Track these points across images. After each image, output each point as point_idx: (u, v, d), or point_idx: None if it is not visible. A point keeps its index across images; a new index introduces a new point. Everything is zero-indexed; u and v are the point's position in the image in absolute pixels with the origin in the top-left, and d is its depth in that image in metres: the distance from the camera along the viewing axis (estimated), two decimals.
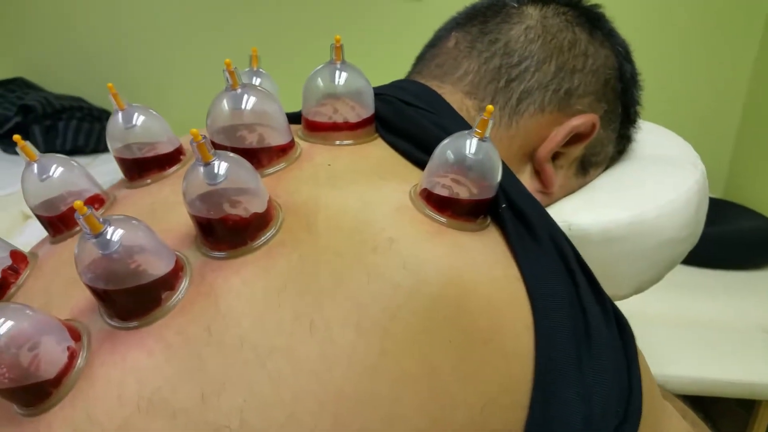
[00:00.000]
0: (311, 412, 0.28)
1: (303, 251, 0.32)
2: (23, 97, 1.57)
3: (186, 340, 0.30)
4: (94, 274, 0.30)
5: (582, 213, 0.46)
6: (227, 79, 0.38)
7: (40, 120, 1.50)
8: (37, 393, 0.29)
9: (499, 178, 0.35)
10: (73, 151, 1.52)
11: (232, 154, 0.32)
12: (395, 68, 0.67)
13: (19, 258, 0.38)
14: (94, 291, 0.30)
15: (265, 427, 0.27)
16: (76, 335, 0.31)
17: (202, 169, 0.31)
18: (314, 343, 0.29)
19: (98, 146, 1.58)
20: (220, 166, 0.31)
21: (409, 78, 0.54)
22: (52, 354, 0.29)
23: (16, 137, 0.38)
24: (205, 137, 0.31)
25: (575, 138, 0.49)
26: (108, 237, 0.29)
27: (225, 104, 0.38)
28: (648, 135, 0.61)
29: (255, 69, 0.49)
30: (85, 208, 0.28)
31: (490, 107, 0.33)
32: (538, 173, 0.49)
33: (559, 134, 0.48)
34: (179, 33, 1.78)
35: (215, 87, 0.42)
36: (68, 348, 0.30)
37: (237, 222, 0.32)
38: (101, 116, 1.64)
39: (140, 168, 0.42)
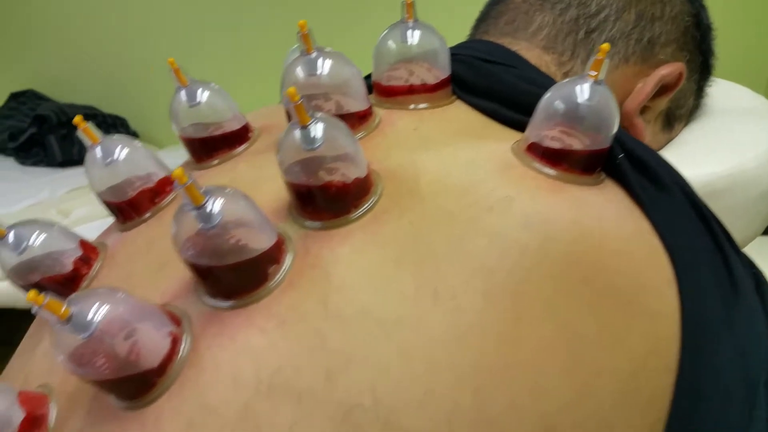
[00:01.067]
0: (450, 386, 0.25)
1: (411, 217, 0.30)
2: (36, 108, 1.56)
3: (301, 316, 0.27)
4: (197, 250, 0.27)
5: (678, 169, 0.43)
6: (300, 44, 0.35)
7: (55, 129, 1.48)
8: (140, 384, 0.27)
9: (616, 125, 0.32)
10: None
11: (329, 116, 0.30)
12: None
13: (88, 248, 0.36)
14: (196, 269, 0.28)
15: (402, 404, 0.25)
16: (175, 320, 0.28)
17: (298, 132, 0.29)
18: (441, 313, 0.26)
19: None
20: (317, 129, 0.29)
21: (474, 39, 0.51)
22: (153, 341, 0.27)
23: (77, 119, 0.35)
24: (303, 98, 0.28)
25: (661, 90, 0.46)
26: (210, 209, 0.26)
27: (300, 70, 0.36)
28: (714, 88, 0.58)
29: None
30: (186, 177, 0.25)
31: (605, 45, 0.30)
32: (627, 129, 0.46)
33: (648, 85, 0.45)
34: (188, 38, 1.76)
35: (228, 86, 0.40)
36: (170, 333, 0.27)
37: (339, 189, 0.29)
38: (115, 123, 1.62)
39: (208, 148, 0.39)
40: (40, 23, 1.79)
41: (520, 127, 0.36)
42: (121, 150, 0.36)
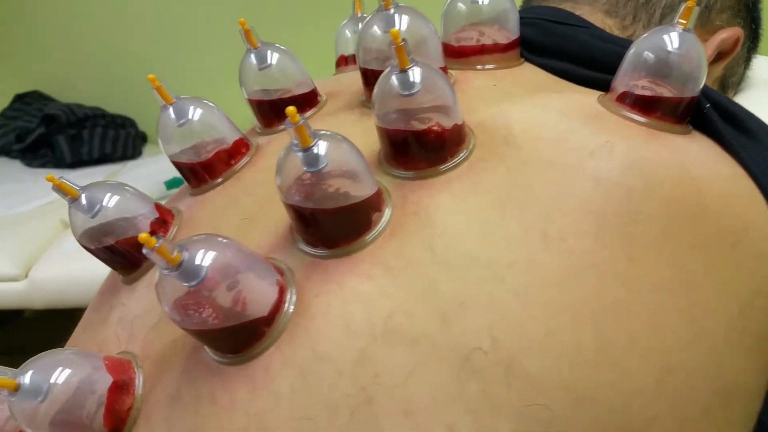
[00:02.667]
0: (569, 327, 0.25)
1: (510, 164, 0.29)
2: (42, 109, 1.54)
3: (408, 262, 0.26)
4: (303, 194, 0.26)
5: None
6: (380, 3, 0.35)
7: (64, 129, 1.46)
8: (248, 334, 0.26)
9: (705, 74, 0.31)
10: (101, 159, 1.49)
11: (426, 63, 0.29)
12: None
13: (164, 211, 0.35)
14: (300, 215, 0.27)
15: (523, 346, 0.24)
16: (278, 270, 0.27)
17: (396, 77, 0.28)
18: (553, 255, 0.26)
19: (126, 153, 1.54)
20: (416, 73, 0.28)
21: (533, 6, 0.51)
22: (261, 289, 0.26)
23: (151, 77, 0.35)
24: (404, 40, 0.28)
25: (718, 56, 0.46)
26: (317, 151, 0.26)
27: (376, 29, 0.35)
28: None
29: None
30: (298, 116, 0.25)
31: None
32: None
33: (708, 48, 0.45)
34: (193, 37, 1.75)
35: (232, 87, 0.39)
36: (277, 282, 0.26)
37: (437, 135, 0.29)
38: (124, 123, 1.60)
39: (277, 111, 0.39)
40: (45, 24, 1.77)
41: (596, 85, 0.35)
42: (195, 110, 0.35)
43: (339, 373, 0.24)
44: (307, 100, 0.39)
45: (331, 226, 0.27)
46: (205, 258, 0.24)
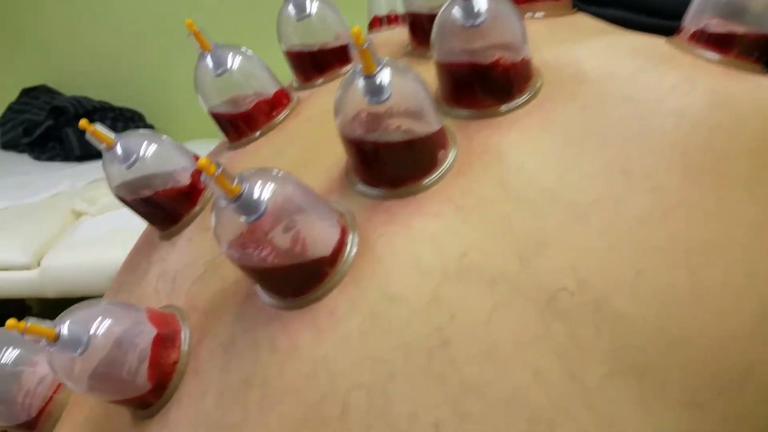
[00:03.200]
0: (662, 267, 0.23)
1: (583, 101, 0.27)
2: (50, 102, 1.53)
3: (480, 200, 0.24)
4: (365, 127, 0.24)
5: None
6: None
7: (72, 122, 1.45)
8: (309, 276, 0.24)
9: None
10: None
11: None
12: None
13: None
14: (361, 151, 0.25)
15: (612, 287, 0.22)
16: (336, 212, 0.25)
17: (459, 5, 0.26)
18: (638, 193, 0.24)
19: None
20: (481, 2, 0.26)
21: None
22: (321, 229, 0.24)
23: (189, 21, 0.33)
24: None
25: None
26: (380, 81, 0.24)
27: None
28: None
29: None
30: (363, 37, 0.23)
31: None
32: None
33: None
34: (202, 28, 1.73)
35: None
36: (338, 222, 0.25)
37: (505, 70, 0.27)
38: (133, 116, 1.59)
39: (317, 65, 0.37)
40: (51, 18, 1.76)
41: (657, 33, 0.34)
42: (234, 59, 0.33)
43: (412, 314, 0.22)
44: (348, 53, 0.37)
45: (394, 164, 0.25)
46: (265, 191, 0.22)
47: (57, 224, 1.10)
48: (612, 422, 0.21)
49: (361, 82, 0.24)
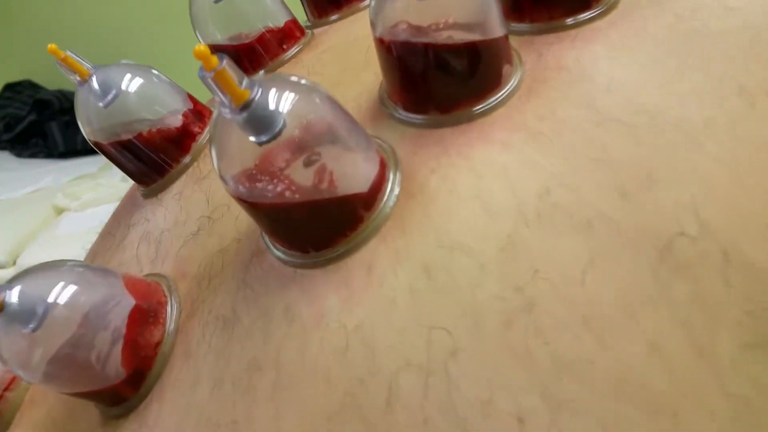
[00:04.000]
0: None
1: (677, 10, 0.22)
2: (34, 96, 1.46)
3: (560, 124, 0.19)
4: (414, 27, 0.19)
5: None
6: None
7: (56, 116, 1.38)
8: (340, 219, 0.18)
9: None
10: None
11: None
12: None
13: (200, 104, 0.27)
14: (405, 64, 0.20)
15: (742, 230, 0.17)
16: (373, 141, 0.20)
17: None
18: (759, 113, 0.19)
19: None
20: None
21: None
22: (355, 160, 0.18)
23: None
24: None
25: None
26: None
27: None
28: None
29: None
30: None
31: None
32: None
33: None
34: (186, 30, 1.68)
35: None
36: (377, 153, 0.19)
37: None
38: None
39: None
40: (34, 11, 1.71)
41: None
42: None
43: (480, 269, 0.17)
44: None
45: (447, 80, 0.20)
46: (283, 101, 0.17)
47: (37, 221, 1.03)
48: (754, 410, 0.16)
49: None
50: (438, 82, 0.20)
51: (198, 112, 0.26)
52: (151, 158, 0.26)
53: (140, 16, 1.69)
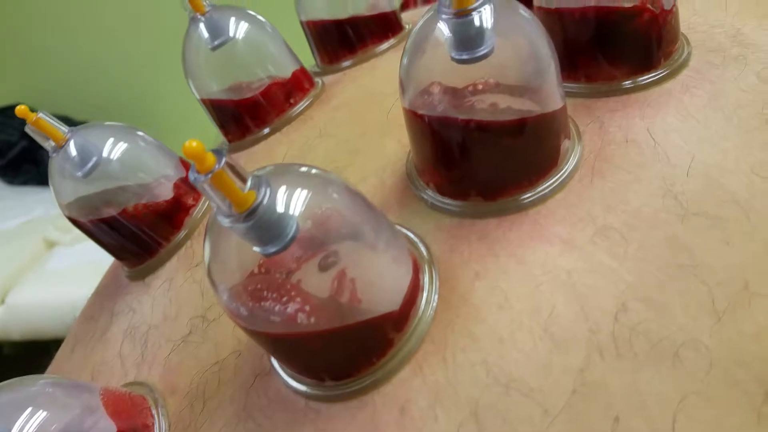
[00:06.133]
0: None
1: (756, 68, 0.19)
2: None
3: (633, 219, 0.16)
4: (453, 99, 0.16)
5: None
6: None
7: None
8: (366, 345, 0.15)
9: None
10: None
11: None
12: None
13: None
14: (440, 138, 0.17)
15: None
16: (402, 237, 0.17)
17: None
18: None
19: None
20: None
21: None
22: (382, 267, 0.15)
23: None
24: None
25: None
26: (482, 20, 0.15)
27: None
28: None
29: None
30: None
31: None
32: None
33: None
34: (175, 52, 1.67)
35: None
36: (409, 255, 0.16)
37: (652, 20, 0.19)
38: None
39: (346, 39, 0.28)
40: (29, 34, 1.70)
41: None
42: (238, 26, 0.25)
43: (545, 416, 0.13)
44: (388, 25, 0.29)
45: (492, 160, 0.17)
46: (294, 201, 0.14)
47: (27, 255, 1.01)
48: None
49: (450, 22, 0.15)
50: (481, 162, 0.17)
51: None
52: (138, 236, 0.23)
53: (142, 30, 1.69)
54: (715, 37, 0.21)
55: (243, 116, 0.25)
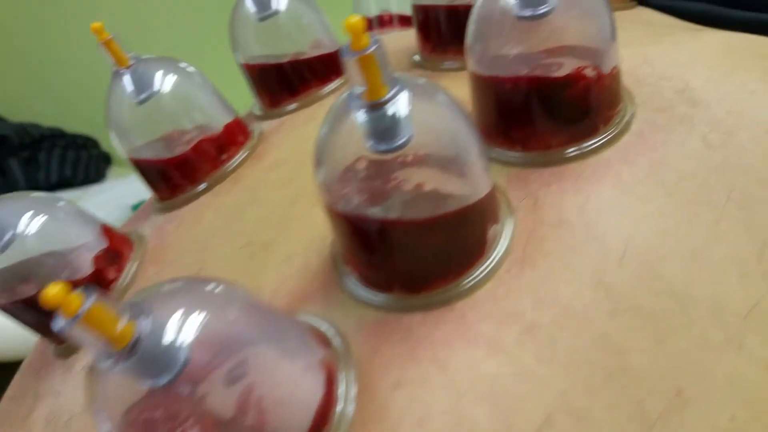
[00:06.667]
0: None
1: (704, 131, 0.18)
2: None
3: (562, 316, 0.15)
4: (368, 194, 0.15)
5: None
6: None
7: (16, 152, 1.34)
8: None
9: None
10: (60, 184, 1.36)
11: None
12: None
13: (117, 239, 0.23)
14: (361, 231, 0.16)
15: None
16: (319, 338, 0.16)
17: None
18: None
19: (88, 176, 1.41)
20: None
21: None
22: (291, 382, 0.14)
23: (95, 25, 0.23)
24: None
25: None
26: (396, 111, 0.14)
27: None
28: None
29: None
30: (359, 24, 0.13)
31: None
32: None
33: None
34: (154, 45, 1.63)
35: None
36: (320, 363, 0.15)
37: (587, 87, 0.18)
38: (86, 143, 1.47)
39: (288, 82, 0.27)
40: None
41: (742, 28, 0.25)
42: (165, 78, 0.24)
43: None
44: (332, 66, 0.28)
45: (416, 251, 0.16)
46: (182, 330, 0.13)
47: None
48: None
49: (361, 116, 0.14)
50: (401, 257, 0.16)
51: (114, 252, 0.22)
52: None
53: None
54: (662, 91, 0.20)
55: (172, 174, 0.24)
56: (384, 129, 0.14)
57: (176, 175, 0.24)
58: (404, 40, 0.29)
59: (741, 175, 0.17)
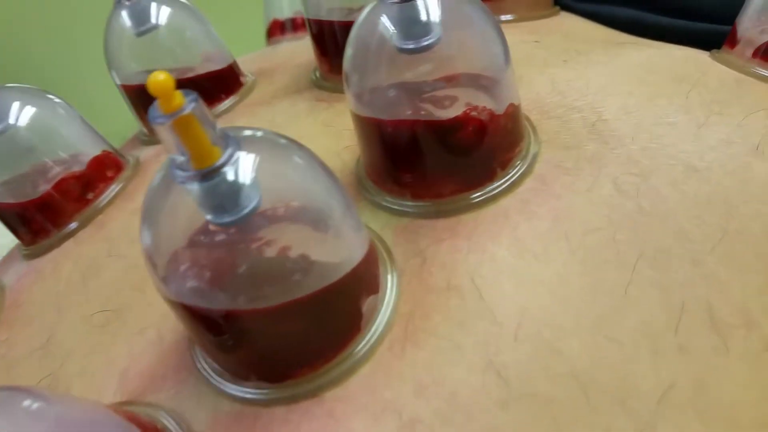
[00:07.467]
0: None
1: (615, 173, 0.17)
2: None
3: (448, 411, 0.13)
4: (208, 275, 0.12)
5: None
6: None
7: None
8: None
9: None
10: None
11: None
12: None
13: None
14: (204, 317, 0.13)
15: None
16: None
17: (390, 14, 0.15)
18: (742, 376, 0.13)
19: None
20: (429, 5, 0.15)
21: None
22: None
23: None
24: None
25: None
26: (233, 176, 0.12)
27: None
28: None
29: None
30: (180, 97, 0.11)
31: None
32: None
33: None
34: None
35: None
36: None
37: (479, 129, 0.16)
38: None
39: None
40: None
41: (684, 39, 0.24)
42: (22, 110, 0.21)
43: None
44: (223, 83, 0.25)
45: (271, 340, 0.13)
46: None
47: None
48: None
49: (191, 187, 0.12)
50: (256, 343, 0.13)
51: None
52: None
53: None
54: (571, 125, 0.18)
55: (33, 217, 0.21)
56: (222, 199, 0.12)
57: (38, 218, 0.21)
58: (308, 52, 0.26)
59: (656, 227, 0.15)
